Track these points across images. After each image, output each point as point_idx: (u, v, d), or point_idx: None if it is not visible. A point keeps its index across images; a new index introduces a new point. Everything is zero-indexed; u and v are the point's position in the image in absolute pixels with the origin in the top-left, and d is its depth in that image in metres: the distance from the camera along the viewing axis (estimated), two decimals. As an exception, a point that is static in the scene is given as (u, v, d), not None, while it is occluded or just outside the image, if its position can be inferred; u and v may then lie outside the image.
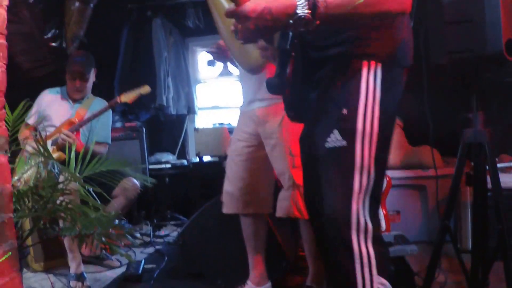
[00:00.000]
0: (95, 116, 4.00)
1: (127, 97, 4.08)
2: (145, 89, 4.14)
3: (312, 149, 1.74)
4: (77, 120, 4.03)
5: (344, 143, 1.65)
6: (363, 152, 1.65)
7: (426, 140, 3.74)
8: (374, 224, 1.66)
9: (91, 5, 5.37)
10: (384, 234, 3.16)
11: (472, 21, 2.51)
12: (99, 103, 4.21)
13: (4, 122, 2.05)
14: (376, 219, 1.68)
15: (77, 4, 5.30)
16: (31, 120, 4.04)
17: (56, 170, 2.36)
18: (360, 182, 1.64)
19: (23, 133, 3.88)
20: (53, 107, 4.14)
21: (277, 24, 1.52)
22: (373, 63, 1.68)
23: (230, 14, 1.53)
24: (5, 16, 1.98)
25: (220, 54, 2.93)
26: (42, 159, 2.39)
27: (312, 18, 1.48)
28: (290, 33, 1.63)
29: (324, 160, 1.70)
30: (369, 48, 1.68)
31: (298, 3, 1.48)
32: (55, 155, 3.83)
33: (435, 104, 2.85)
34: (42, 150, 2.46)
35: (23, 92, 4.07)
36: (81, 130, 4.05)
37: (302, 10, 1.47)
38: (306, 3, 1.47)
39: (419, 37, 1.92)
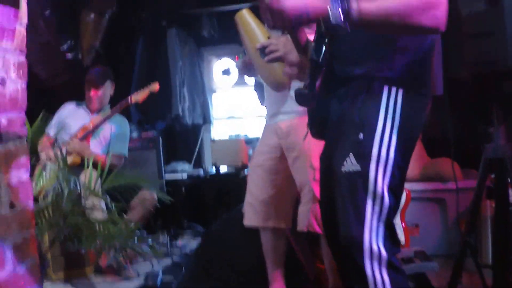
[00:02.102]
0: (106, 118, 4.09)
1: (137, 97, 4.14)
2: (154, 87, 4.21)
3: (329, 172, 1.74)
4: (91, 126, 4.11)
5: (358, 167, 1.64)
6: (377, 178, 1.63)
7: (444, 152, 3.72)
8: (389, 250, 1.64)
9: (106, 16, 5.41)
10: (404, 250, 3.14)
11: (492, 33, 2.49)
12: (120, 120, 4.30)
13: (24, 140, 2.06)
14: (391, 245, 1.66)
15: (92, 15, 5.35)
16: (51, 130, 4.13)
17: (76, 186, 2.39)
18: (372, 208, 1.63)
19: (43, 143, 3.92)
20: (72, 117, 4.25)
21: (309, 23, 1.55)
22: (394, 88, 1.66)
23: (267, 6, 1.53)
24: (25, 34, 2.00)
25: (247, 70, 2.94)
26: (62, 175, 2.41)
27: (344, 26, 1.48)
28: (324, 46, 1.63)
29: (339, 184, 1.69)
30: (392, 72, 1.67)
31: (331, 10, 1.48)
32: (69, 159, 3.90)
33: (455, 116, 2.83)
34: (62, 165, 2.49)
35: (39, 102, 4.14)
36: (97, 140, 4.09)
37: (335, 17, 1.47)
38: (340, 9, 1.47)
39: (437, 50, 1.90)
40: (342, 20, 1.47)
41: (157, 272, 3.79)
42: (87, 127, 4.12)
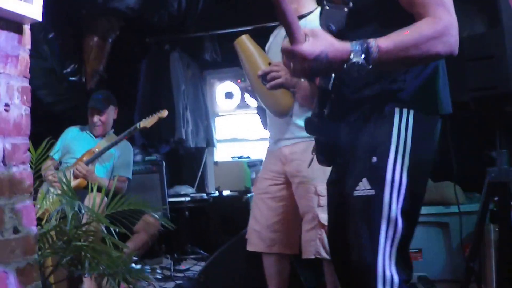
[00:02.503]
0: (113, 144, 4.12)
1: (145, 123, 4.16)
2: (163, 114, 4.22)
3: (340, 197, 1.73)
4: (97, 150, 4.14)
5: (372, 192, 1.63)
6: (391, 202, 1.62)
7: (447, 175, 3.70)
8: (401, 277, 1.63)
9: (110, 40, 5.46)
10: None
11: (493, 57, 2.50)
12: (123, 144, 4.33)
13: (28, 165, 2.07)
14: (403, 271, 1.65)
15: (95, 39, 5.40)
16: (56, 155, 4.17)
17: (80, 210, 2.38)
18: (386, 233, 1.62)
19: (47, 167, 3.94)
20: (77, 142, 4.30)
21: (329, 68, 1.54)
22: (405, 110, 1.66)
23: (287, 52, 1.52)
24: (28, 60, 2.02)
25: (249, 92, 2.95)
26: (66, 199, 2.41)
27: (366, 65, 1.48)
28: (333, 74, 1.64)
29: (352, 209, 1.69)
30: (402, 93, 1.67)
31: (352, 49, 1.48)
32: (75, 182, 3.95)
33: (457, 140, 2.83)
34: (66, 189, 2.49)
35: (44, 126, 4.16)
36: (100, 165, 4.11)
37: (357, 57, 1.48)
38: (360, 49, 1.48)
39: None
40: (363, 59, 1.47)
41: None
42: (93, 151, 4.15)
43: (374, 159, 1.65)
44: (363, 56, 1.48)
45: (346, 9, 1.64)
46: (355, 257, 1.66)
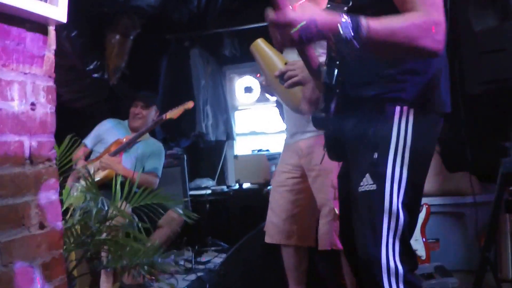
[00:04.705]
0: (141, 134, 4.19)
1: (172, 114, 4.22)
2: (189, 105, 4.29)
3: (348, 192, 1.79)
4: (124, 140, 4.20)
5: (374, 186, 1.69)
6: (392, 196, 1.67)
7: (463, 166, 3.72)
8: (406, 267, 1.67)
9: (131, 37, 5.52)
10: (425, 265, 3.14)
11: (507, 49, 2.51)
12: (154, 141, 4.46)
13: (53, 162, 2.13)
14: (407, 261, 1.69)
15: (117, 37, 5.46)
16: (88, 141, 4.30)
17: (104, 206, 2.45)
18: (388, 225, 1.67)
19: (77, 153, 4.01)
20: (111, 133, 4.37)
21: (318, 38, 1.54)
22: (405, 108, 1.69)
23: (272, 21, 1.52)
24: (53, 60, 2.08)
25: (268, 90, 2.99)
26: (90, 193, 2.49)
27: (354, 40, 1.50)
28: (336, 69, 1.67)
29: (357, 203, 1.74)
30: (403, 93, 1.70)
31: (342, 21, 1.50)
32: (104, 173, 4.04)
33: (472, 131, 2.85)
34: (90, 185, 2.56)
35: (67, 123, 4.25)
36: (129, 156, 4.20)
37: (346, 30, 1.49)
38: (350, 23, 1.49)
39: (454, 67, 1.92)
40: (352, 34, 1.49)
41: (182, 288, 3.85)
42: (121, 141, 4.22)
43: (376, 155, 1.70)
44: (352, 30, 1.49)
45: (345, 8, 1.65)
46: (360, 250, 1.71)
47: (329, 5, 1.78)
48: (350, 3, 1.67)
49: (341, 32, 1.50)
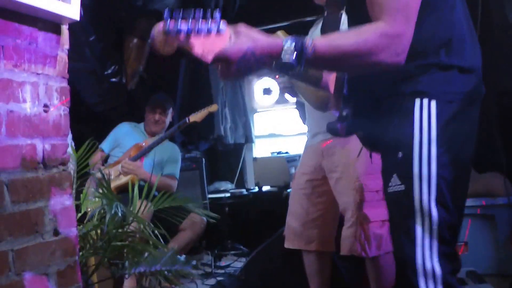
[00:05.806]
0: (163, 139, 4.15)
1: (196, 117, 4.18)
2: (213, 108, 4.24)
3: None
4: (144, 145, 4.16)
5: (402, 187, 1.62)
6: (422, 196, 1.59)
7: (492, 166, 3.61)
8: (445, 268, 1.59)
9: (149, 41, 5.49)
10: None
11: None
12: (171, 145, 4.41)
13: (67, 166, 2.08)
14: (447, 263, 1.60)
15: (135, 40, 5.45)
16: (104, 146, 4.27)
17: (121, 211, 2.40)
18: (422, 225, 1.59)
19: (95, 157, 3.98)
20: (128, 137, 4.33)
21: (259, 66, 1.51)
22: (426, 100, 1.60)
23: (214, 59, 1.49)
24: (66, 60, 2.03)
25: (289, 90, 2.92)
26: (107, 201, 2.43)
27: (296, 65, 1.47)
28: (345, 78, 1.62)
29: (389, 205, 1.69)
30: (420, 85, 1.62)
31: (284, 47, 1.46)
32: (126, 178, 3.99)
33: (505, 131, 2.75)
34: (106, 191, 2.51)
35: (86, 127, 4.22)
36: (147, 161, 4.16)
37: (287, 54, 1.46)
38: (293, 48, 1.46)
39: (485, 60, 1.82)
40: (295, 58, 1.45)
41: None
42: (141, 146, 4.18)
43: (400, 154, 1.63)
44: (295, 54, 1.45)
45: (340, 14, 1.65)
46: (396, 252, 1.66)
47: (326, 13, 1.77)
48: (343, 10, 1.66)
49: (282, 56, 1.46)
